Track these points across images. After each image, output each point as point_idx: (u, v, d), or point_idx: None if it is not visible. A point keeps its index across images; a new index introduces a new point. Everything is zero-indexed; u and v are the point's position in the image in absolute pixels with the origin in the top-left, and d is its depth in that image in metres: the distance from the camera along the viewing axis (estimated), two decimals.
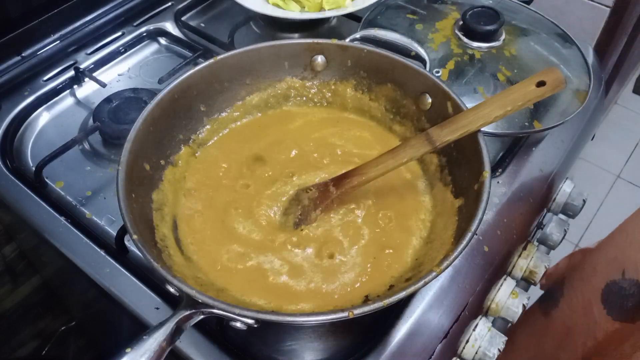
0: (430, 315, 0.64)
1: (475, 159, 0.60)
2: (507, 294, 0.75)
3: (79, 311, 1.13)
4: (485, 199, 0.56)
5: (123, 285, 0.66)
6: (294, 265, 0.61)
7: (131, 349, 0.46)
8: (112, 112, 0.81)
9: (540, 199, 0.80)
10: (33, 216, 0.72)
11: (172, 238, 0.62)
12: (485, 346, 0.69)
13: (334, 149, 0.72)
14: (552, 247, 0.89)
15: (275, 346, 0.62)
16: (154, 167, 0.65)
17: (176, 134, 0.69)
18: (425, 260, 0.59)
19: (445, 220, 0.62)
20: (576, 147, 0.87)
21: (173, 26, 0.99)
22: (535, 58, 0.83)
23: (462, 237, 0.53)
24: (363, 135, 0.74)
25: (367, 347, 0.61)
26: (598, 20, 1.30)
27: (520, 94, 0.60)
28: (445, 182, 0.66)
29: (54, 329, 1.17)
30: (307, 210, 0.64)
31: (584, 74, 0.82)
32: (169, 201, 0.65)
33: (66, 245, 0.69)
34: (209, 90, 0.70)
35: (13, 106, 0.85)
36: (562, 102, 0.78)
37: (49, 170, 0.76)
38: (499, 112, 0.60)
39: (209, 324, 0.62)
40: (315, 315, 0.51)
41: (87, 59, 0.93)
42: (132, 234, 0.53)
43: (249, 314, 0.48)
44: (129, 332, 0.71)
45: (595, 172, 2.05)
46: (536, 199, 0.79)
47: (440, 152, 0.67)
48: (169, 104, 0.66)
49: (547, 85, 0.59)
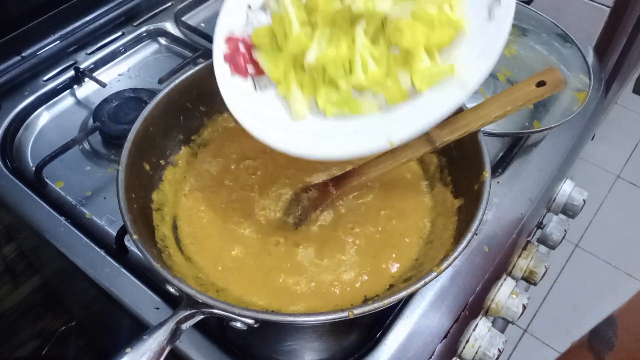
0: (430, 315, 0.64)
1: (475, 159, 0.60)
2: (507, 294, 0.75)
3: (79, 311, 1.13)
4: (485, 199, 0.56)
5: (123, 285, 0.66)
6: (294, 265, 0.61)
7: (131, 349, 0.46)
8: (112, 112, 0.81)
9: (540, 199, 0.80)
10: (33, 216, 0.72)
11: (172, 238, 0.62)
12: (485, 346, 0.69)
13: None
14: (552, 247, 0.89)
15: (275, 346, 0.62)
16: (154, 167, 0.65)
17: (176, 134, 0.69)
18: (425, 260, 0.59)
19: (445, 220, 0.62)
20: (576, 147, 0.87)
21: (173, 26, 0.99)
22: (535, 58, 0.83)
23: (462, 237, 0.53)
24: None
25: (367, 347, 0.61)
26: (598, 20, 1.30)
27: (520, 94, 0.60)
28: (445, 182, 0.66)
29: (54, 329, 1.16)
30: (307, 210, 0.64)
31: (584, 74, 0.82)
32: (169, 201, 0.65)
33: (66, 245, 0.69)
34: (209, 90, 0.70)
35: (13, 106, 0.85)
36: (562, 102, 0.78)
37: (49, 170, 0.76)
38: (499, 112, 0.59)
39: (209, 324, 0.62)
40: (315, 315, 0.51)
41: (87, 59, 0.93)
42: (132, 234, 0.53)
43: (249, 314, 0.48)
44: (129, 332, 0.71)
45: (595, 172, 2.05)
46: (536, 199, 0.79)
47: (440, 152, 0.67)
48: (169, 104, 0.66)
49: (547, 85, 0.59)
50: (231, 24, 0.61)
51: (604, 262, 1.79)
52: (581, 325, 1.64)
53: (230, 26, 0.61)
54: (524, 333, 1.63)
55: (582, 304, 1.69)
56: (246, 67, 0.61)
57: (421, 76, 0.53)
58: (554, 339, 1.62)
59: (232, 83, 0.60)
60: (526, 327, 1.64)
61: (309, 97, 0.58)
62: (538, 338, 1.63)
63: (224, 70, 0.61)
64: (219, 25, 0.61)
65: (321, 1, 0.55)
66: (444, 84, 0.53)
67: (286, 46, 0.56)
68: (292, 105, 0.58)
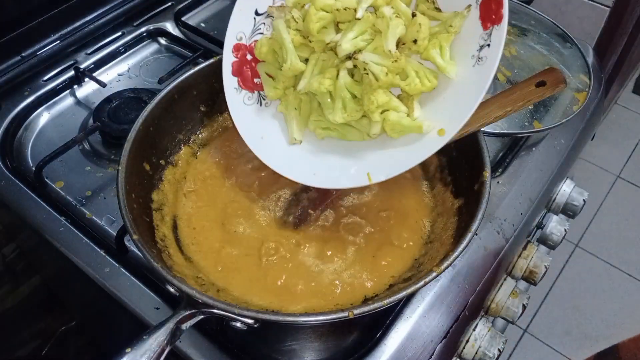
0: (430, 315, 0.64)
1: (475, 159, 0.60)
2: (507, 294, 0.75)
3: (79, 311, 1.13)
4: (485, 199, 0.56)
5: (123, 285, 0.66)
6: (294, 265, 0.61)
7: (131, 349, 0.46)
8: (112, 112, 0.81)
9: (540, 199, 0.80)
10: (33, 216, 0.72)
11: (172, 238, 0.62)
12: (485, 346, 0.69)
13: None
14: (552, 247, 0.89)
15: (275, 346, 0.62)
16: (154, 167, 0.65)
17: (176, 134, 0.69)
18: (425, 260, 0.59)
19: (445, 220, 0.62)
20: (576, 147, 0.87)
21: (173, 26, 0.99)
22: (535, 58, 0.83)
23: (462, 237, 0.53)
24: None
25: (367, 347, 0.61)
26: (598, 20, 1.30)
27: (520, 94, 0.60)
28: (445, 182, 0.66)
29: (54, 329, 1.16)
30: (307, 211, 0.64)
31: (584, 74, 0.82)
32: (169, 201, 0.65)
33: (66, 245, 0.69)
34: (209, 90, 0.70)
35: (13, 106, 0.85)
36: (562, 102, 0.78)
37: (49, 170, 0.76)
38: (499, 112, 0.60)
39: (209, 324, 0.62)
40: (315, 315, 0.51)
41: (87, 59, 0.93)
42: (132, 234, 0.53)
43: (249, 314, 0.48)
44: (129, 332, 0.71)
45: (595, 172, 2.05)
46: (536, 199, 0.79)
47: (440, 152, 0.67)
48: (169, 104, 0.66)
49: (547, 85, 0.59)
50: (239, 30, 0.63)
51: (604, 262, 1.79)
52: (581, 326, 1.64)
53: (239, 32, 0.63)
54: (524, 333, 1.63)
55: (582, 304, 1.69)
56: (253, 81, 0.64)
57: (392, 125, 0.56)
58: (554, 339, 1.62)
59: (239, 98, 0.64)
60: (526, 327, 1.64)
61: (305, 120, 0.62)
62: (538, 338, 1.63)
63: (232, 82, 0.64)
64: (228, 32, 0.63)
65: (314, 29, 0.57)
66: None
67: (284, 69, 0.59)
68: (289, 130, 0.63)
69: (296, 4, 0.60)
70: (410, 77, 0.55)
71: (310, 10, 0.56)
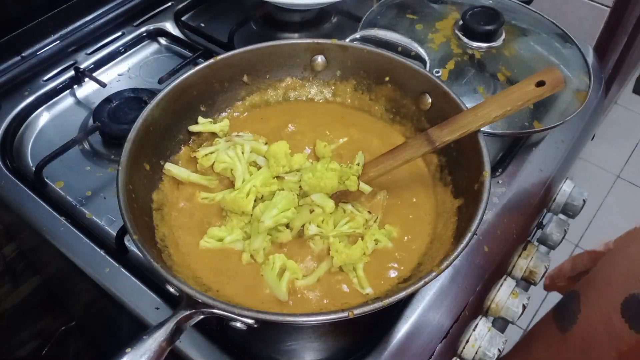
0: (430, 315, 0.64)
1: (475, 159, 0.60)
2: (507, 294, 0.75)
3: (79, 311, 1.13)
4: (485, 199, 0.56)
5: (123, 285, 0.66)
6: None
7: (131, 349, 0.46)
8: (112, 112, 0.81)
9: (540, 199, 0.80)
10: (33, 216, 0.72)
11: (172, 238, 0.62)
12: (485, 346, 0.69)
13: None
14: (552, 247, 0.89)
15: (275, 346, 0.62)
16: (154, 167, 0.65)
17: (176, 134, 0.69)
18: (425, 260, 0.59)
19: (445, 220, 0.62)
20: (576, 147, 0.87)
21: (173, 26, 0.99)
22: (535, 58, 0.83)
23: (462, 237, 0.53)
24: (366, 134, 0.73)
25: (367, 347, 0.61)
26: (598, 20, 1.30)
27: (520, 94, 0.60)
28: (445, 182, 0.66)
29: (54, 329, 1.17)
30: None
31: (584, 74, 0.82)
32: (169, 201, 0.65)
33: (66, 245, 0.69)
34: (209, 90, 0.70)
35: (13, 106, 0.85)
36: (562, 102, 0.78)
37: (49, 170, 0.76)
38: (499, 112, 0.60)
39: (209, 324, 0.62)
40: (315, 315, 0.51)
41: (87, 59, 0.93)
42: (132, 234, 0.53)
43: (249, 314, 0.48)
44: (129, 332, 0.71)
45: (595, 172, 2.05)
46: (536, 199, 0.79)
47: (440, 152, 0.67)
48: (169, 104, 0.66)
49: (546, 85, 0.59)
50: None
51: None
52: None
53: None
54: (524, 333, 1.63)
55: None
56: None
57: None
58: None
59: None
60: (526, 327, 1.64)
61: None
62: None
63: None
64: None
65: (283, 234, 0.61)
66: None
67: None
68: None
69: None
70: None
71: None
